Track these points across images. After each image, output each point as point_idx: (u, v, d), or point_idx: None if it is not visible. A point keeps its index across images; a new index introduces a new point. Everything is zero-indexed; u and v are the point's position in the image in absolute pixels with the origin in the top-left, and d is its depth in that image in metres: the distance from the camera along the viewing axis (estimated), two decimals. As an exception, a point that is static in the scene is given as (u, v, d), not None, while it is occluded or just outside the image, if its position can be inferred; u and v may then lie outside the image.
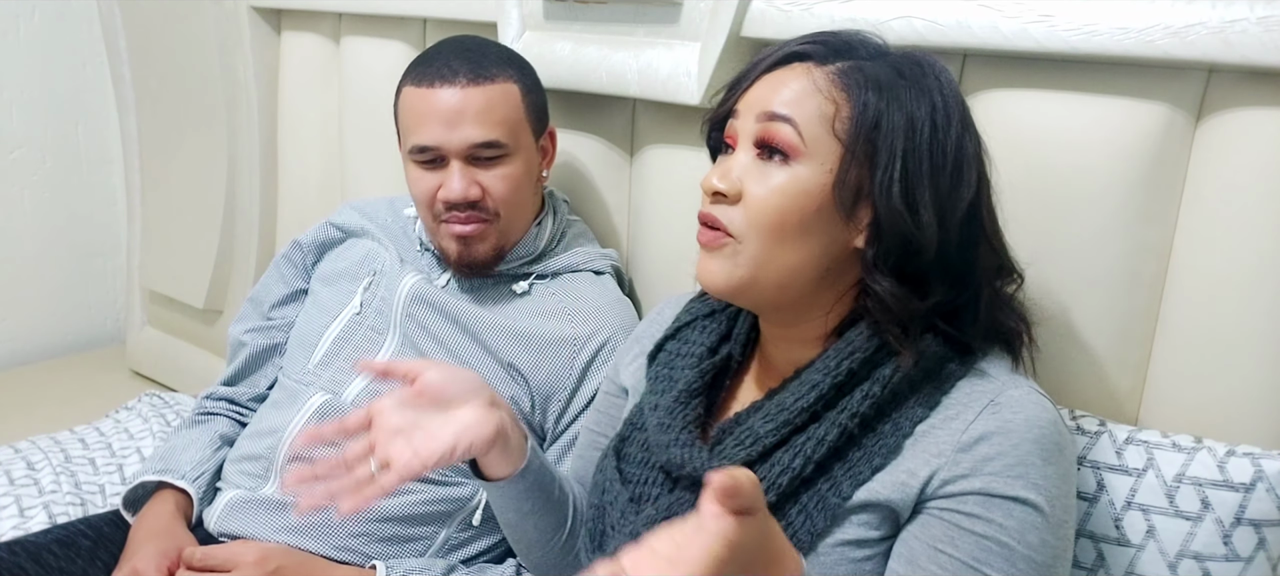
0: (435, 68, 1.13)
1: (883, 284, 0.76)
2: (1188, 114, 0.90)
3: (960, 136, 0.77)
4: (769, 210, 0.77)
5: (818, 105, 0.77)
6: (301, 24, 1.68)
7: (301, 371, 1.21)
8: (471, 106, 1.11)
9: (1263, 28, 0.82)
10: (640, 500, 0.84)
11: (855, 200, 0.77)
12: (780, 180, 0.77)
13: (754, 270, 0.78)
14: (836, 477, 0.75)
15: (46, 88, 2.07)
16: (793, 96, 0.77)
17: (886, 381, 0.76)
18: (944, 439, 0.75)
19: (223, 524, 1.13)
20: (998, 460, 0.73)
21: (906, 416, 0.76)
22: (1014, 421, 0.74)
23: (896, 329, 0.77)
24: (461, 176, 1.12)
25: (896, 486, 0.74)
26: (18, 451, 1.48)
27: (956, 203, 0.77)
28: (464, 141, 1.11)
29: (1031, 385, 0.78)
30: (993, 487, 0.72)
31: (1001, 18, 0.94)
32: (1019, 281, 0.84)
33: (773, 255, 0.77)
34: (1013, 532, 0.72)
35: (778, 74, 0.80)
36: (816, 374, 0.78)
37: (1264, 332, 0.87)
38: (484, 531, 1.16)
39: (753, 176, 0.78)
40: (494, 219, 1.14)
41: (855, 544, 0.75)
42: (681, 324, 0.93)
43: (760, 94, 0.79)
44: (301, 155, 1.74)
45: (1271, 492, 0.84)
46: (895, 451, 0.75)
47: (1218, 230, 0.89)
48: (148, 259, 2.00)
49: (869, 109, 0.76)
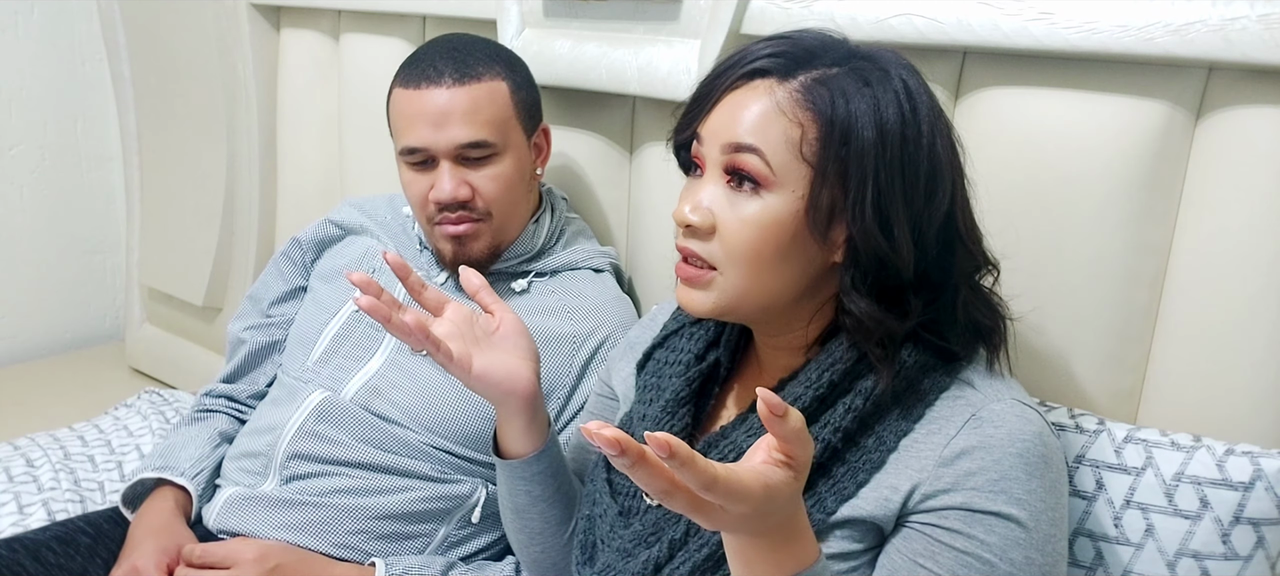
0: (421, 69, 1.12)
1: (860, 305, 0.75)
2: (1188, 112, 0.90)
3: (932, 143, 0.75)
4: (744, 242, 0.75)
5: (783, 129, 0.74)
6: (301, 21, 1.68)
7: (300, 368, 1.21)
8: (458, 107, 1.11)
9: (1263, 25, 0.81)
10: (629, 514, 0.84)
11: (829, 221, 0.75)
12: (752, 211, 0.75)
13: (735, 298, 0.77)
14: (821, 494, 0.75)
15: (46, 85, 2.07)
16: (756, 122, 0.74)
17: (868, 393, 0.75)
18: (926, 453, 0.74)
19: (222, 521, 1.13)
20: (980, 475, 0.72)
21: (889, 429, 0.75)
22: (996, 436, 0.73)
23: (876, 348, 0.76)
24: (451, 177, 1.12)
25: (879, 502, 0.74)
26: (17, 448, 1.48)
27: (932, 215, 0.75)
28: (451, 142, 1.11)
29: (1016, 396, 0.77)
30: (973, 503, 0.71)
31: (1001, 15, 0.94)
32: (995, 273, 0.82)
33: (752, 283, 0.77)
34: (994, 549, 0.71)
35: (739, 95, 0.77)
36: (799, 386, 0.77)
37: (1263, 331, 0.87)
38: (483, 529, 1.16)
39: (723, 206, 0.76)
40: (485, 218, 1.15)
41: (839, 558, 0.74)
42: (669, 332, 0.92)
43: (723, 120, 0.77)
44: (301, 152, 1.73)
45: (1270, 491, 0.84)
46: (878, 466, 0.74)
47: (1217, 228, 0.89)
48: (147, 256, 2.00)
49: (836, 127, 0.73)
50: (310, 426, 1.13)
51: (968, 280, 0.79)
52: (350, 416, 1.13)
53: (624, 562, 0.80)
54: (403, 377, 1.15)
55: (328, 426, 1.13)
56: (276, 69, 1.73)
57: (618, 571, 0.80)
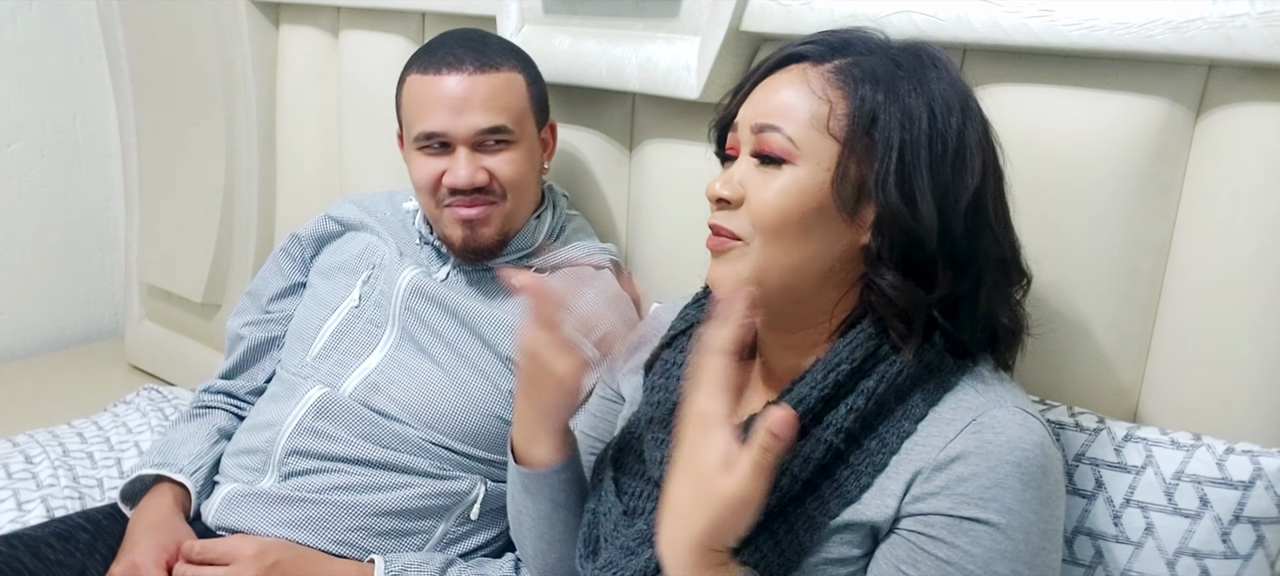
0: (441, 56, 1.14)
1: (886, 277, 0.76)
2: (1188, 109, 0.90)
3: (962, 125, 0.76)
4: (770, 210, 0.77)
5: (811, 107, 0.76)
6: (300, 17, 1.68)
7: (299, 364, 1.21)
8: (478, 93, 1.12)
9: (1263, 23, 0.81)
10: (633, 514, 0.84)
11: (857, 198, 0.76)
12: (780, 182, 0.77)
13: (759, 270, 0.78)
14: (825, 497, 0.75)
15: (44, 81, 2.07)
16: (783, 103, 0.78)
17: (870, 394, 0.75)
18: (926, 454, 0.73)
19: (221, 517, 1.13)
20: (971, 481, 0.71)
21: (893, 432, 0.75)
22: (994, 443, 0.71)
23: (900, 324, 0.76)
24: (468, 162, 1.13)
25: (878, 507, 0.73)
26: (16, 445, 1.48)
27: (959, 191, 0.75)
28: (471, 127, 1.12)
29: (1020, 404, 0.76)
30: (960, 509, 0.70)
31: (1001, 12, 0.94)
32: (1026, 284, 0.83)
33: (776, 255, 0.77)
34: (977, 560, 0.69)
35: (774, 79, 0.80)
36: (805, 387, 0.77)
37: (1263, 330, 0.87)
38: (482, 525, 1.16)
39: (754, 181, 0.78)
40: (500, 199, 1.15)
41: (838, 563, 0.74)
42: (676, 332, 0.92)
43: (754, 104, 0.80)
44: (300, 149, 1.73)
45: (1270, 490, 0.84)
46: (881, 467, 0.74)
47: (1217, 226, 0.89)
48: (146, 253, 2.00)
49: (866, 103, 0.75)
50: (309, 423, 1.13)
51: (994, 270, 0.79)
52: (349, 412, 1.13)
53: (627, 560, 0.80)
54: (401, 374, 1.15)
55: (326, 422, 1.13)
56: (276, 65, 1.73)
57: (620, 568, 0.80)
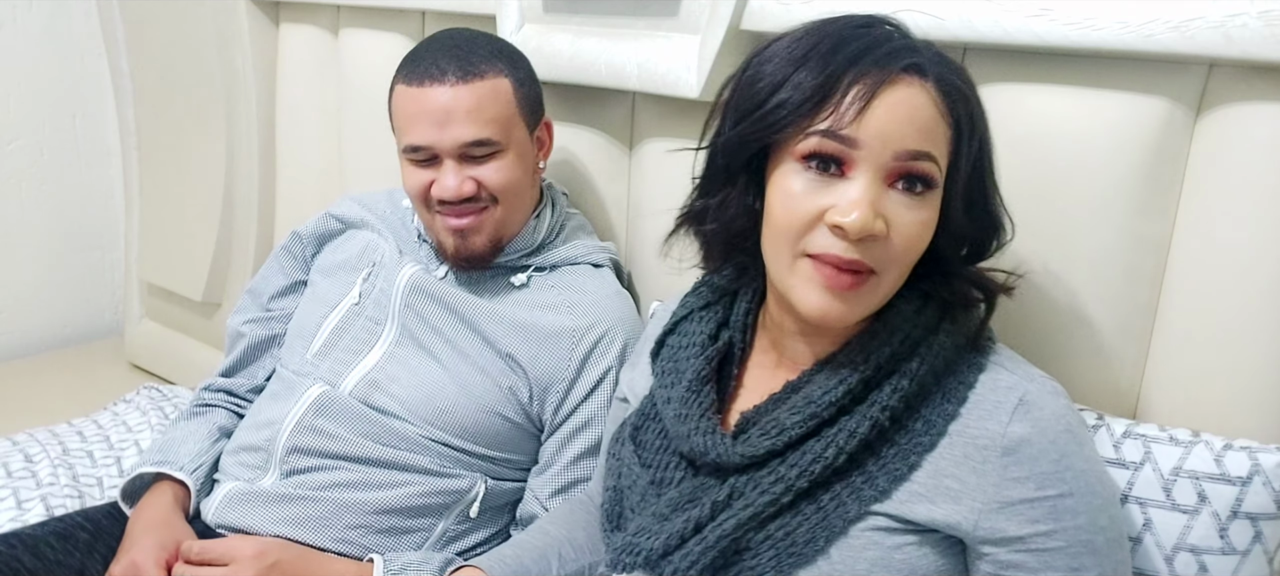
0: (424, 66, 1.12)
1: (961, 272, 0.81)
2: (1188, 109, 0.90)
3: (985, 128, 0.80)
4: (916, 243, 0.76)
5: (943, 132, 0.75)
6: (300, 16, 1.68)
7: (299, 362, 1.21)
8: (461, 105, 1.10)
9: (1263, 22, 0.81)
10: (662, 483, 0.85)
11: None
12: (926, 215, 0.76)
13: (882, 300, 0.78)
14: (871, 472, 0.76)
15: (44, 80, 2.06)
16: (928, 126, 0.74)
17: (913, 375, 0.77)
18: (981, 440, 0.75)
19: (221, 516, 1.13)
20: (1042, 459, 0.74)
21: (937, 413, 0.77)
22: (1043, 417, 0.75)
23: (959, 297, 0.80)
24: (454, 174, 1.12)
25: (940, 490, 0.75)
26: (15, 444, 1.48)
27: (993, 193, 0.82)
28: (455, 141, 1.11)
29: (1038, 372, 0.80)
30: (1047, 490, 0.73)
31: (1002, 11, 0.94)
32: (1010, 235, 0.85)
33: (897, 283, 0.78)
34: (1085, 527, 0.74)
35: (900, 94, 0.73)
36: (845, 369, 0.78)
37: (1262, 327, 0.87)
38: (481, 523, 1.16)
39: (894, 209, 0.74)
40: (491, 206, 1.15)
41: (886, 531, 0.76)
42: (678, 318, 0.93)
43: (891, 122, 0.72)
44: (300, 147, 1.73)
45: (1268, 486, 0.84)
46: (930, 448, 0.76)
47: (1217, 225, 0.89)
48: (146, 251, 2.00)
49: (962, 130, 0.76)
50: (309, 420, 1.13)
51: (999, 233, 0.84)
52: (349, 410, 1.13)
53: (660, 525, 0.81)
54: (401, 371, 1.15)
55: (326, 420, 1.13)
56: (275, 64, 1.73)
57: (653, 533, 0.81)
